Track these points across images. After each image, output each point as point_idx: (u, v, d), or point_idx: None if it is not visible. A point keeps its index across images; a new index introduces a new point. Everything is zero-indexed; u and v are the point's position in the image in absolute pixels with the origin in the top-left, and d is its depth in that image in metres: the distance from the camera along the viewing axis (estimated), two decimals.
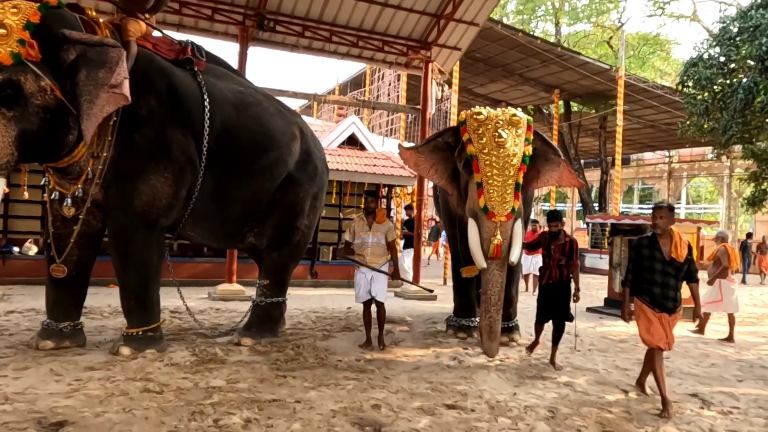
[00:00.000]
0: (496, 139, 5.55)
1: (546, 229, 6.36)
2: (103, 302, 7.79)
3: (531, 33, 22.21)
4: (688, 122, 15.47)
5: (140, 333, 5.36)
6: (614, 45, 24.39)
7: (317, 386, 4.69)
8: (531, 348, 6.37)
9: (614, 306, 10.09)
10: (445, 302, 8.93)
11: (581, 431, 4.08)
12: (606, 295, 10.82)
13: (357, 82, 22.18)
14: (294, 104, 12.16)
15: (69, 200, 5.24)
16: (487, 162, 5.56)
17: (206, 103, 5.70)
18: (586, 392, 5.05)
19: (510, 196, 5.53)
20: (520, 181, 5.63)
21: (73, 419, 3.61)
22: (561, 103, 20.80)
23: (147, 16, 5.79)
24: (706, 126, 14.48)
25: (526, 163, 5.70)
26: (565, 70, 17.53)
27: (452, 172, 6.15)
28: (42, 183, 5.52)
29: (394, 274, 6.47)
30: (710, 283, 8.33)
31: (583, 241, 17.93)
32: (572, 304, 5.99)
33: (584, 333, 7.94)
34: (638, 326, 4.83)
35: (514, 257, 5.60)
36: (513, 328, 6.98)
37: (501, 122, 5.65)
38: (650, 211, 5.38)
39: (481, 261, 5.57)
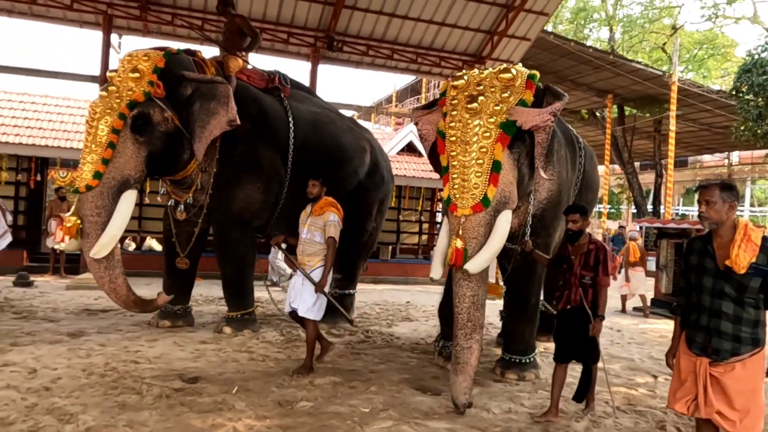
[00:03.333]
0: (468, 106, 4.25)
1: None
2: (196, 292, 9.02)
3: (583, 40, 22.53)
4: (742, 127, 15.67)
5: (239, 316, 6.49)
6: (668, 50, 24.34)
7: (386, 362, 5.66)
8: (543, 415, 4.31)
9: (660, 306, 10.63)
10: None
11: (608, 403, 4.85)
12: (653, 296, 11.32)
13: (414, 89, 23.11)
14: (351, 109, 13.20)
15: (182, 206, 6.40)
16: (453, 138, 4.26)
17: (291, 124, 6.77)
18: (618, 375, 5.79)
19: (479, 180, 4.14)
20: (500, 158, 4.16)
21: (204, 376, 4.72)
22: (614, 107, 21.06)
23: (243, 53, 6.91)
24: (759, 131, 14.67)
25: (509, 132, 4.21)
26: (617, 76, 17.89)
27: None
28: (161, 192, 6.71)
29: (318, 285, 4.94)
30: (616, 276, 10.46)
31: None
32: (600, 340, 4.44)
33: (626, 329, 8.64)
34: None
35: (472, 265, 4.10)
36: (526, 366, 5.40)
37: (482, 86, 4.33)
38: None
39: (434, 268, 4.54)
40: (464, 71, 4.66)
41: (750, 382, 2.96)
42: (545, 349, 6.50)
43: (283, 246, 5.44)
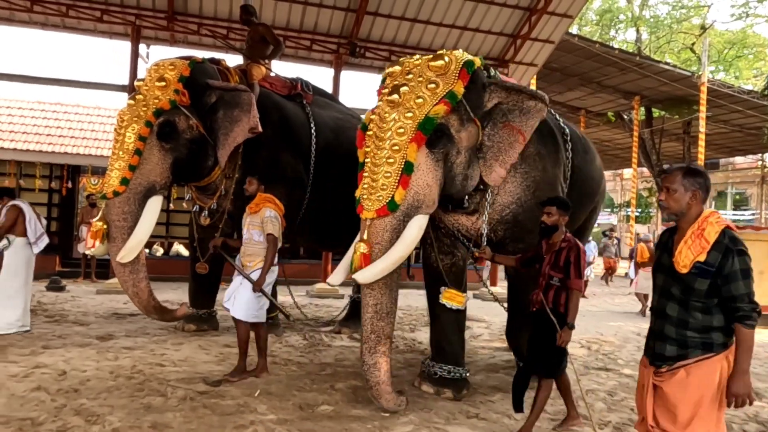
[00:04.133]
0: (388, 98, 3.95)
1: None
2: (220, 297, 9.17)
3: (609, 42, 22.24)
4: None
5: None
6: (697, 50, 23.89)
7: (407, 366, 5.66)
8: (564, 422, 4.19)
9: None
10: None
11: (633, 410, 4.78)
12: None
13: None
14: None
15: (206, 212, 6.51)
16: (370, 133, 3.98)
17: (312, 130, 6.83)
18: None
19: (388, 181, 3.80)
20: (413, 158, 3.83)
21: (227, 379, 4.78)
22: (642, 109, 20.71)
23: (266, 61, 7.02)
24: None
25: (426, 131, 3.85)
26: (644, 78, 17.59)
27: None
28: (186, 198, 6.84)
29: (255, 284, 4.77)
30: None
31: None
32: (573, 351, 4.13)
33: None
34: None
35: (361, 275, 3.81)
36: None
37: (411, 74, 3.99)
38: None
39: (334, 273, 4.36)
40: (404, 58, 4.29)
41: (695, 390, 2.50)
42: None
43: (224, 250, 5.24)
